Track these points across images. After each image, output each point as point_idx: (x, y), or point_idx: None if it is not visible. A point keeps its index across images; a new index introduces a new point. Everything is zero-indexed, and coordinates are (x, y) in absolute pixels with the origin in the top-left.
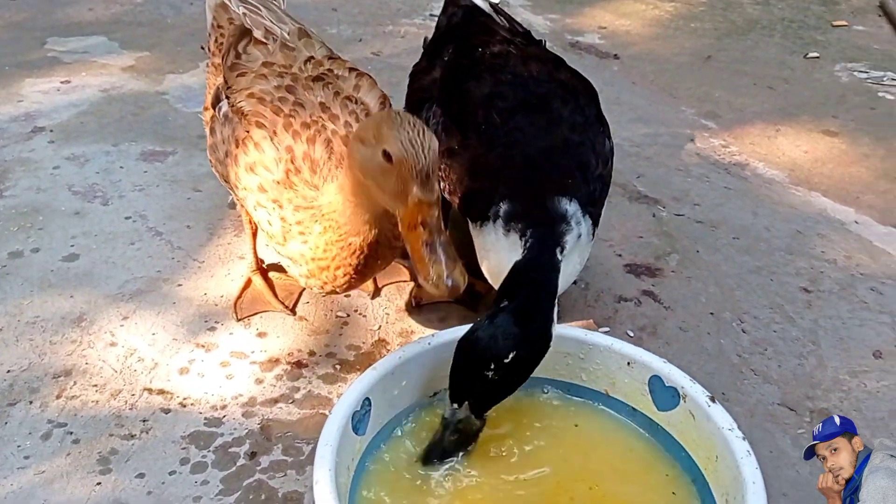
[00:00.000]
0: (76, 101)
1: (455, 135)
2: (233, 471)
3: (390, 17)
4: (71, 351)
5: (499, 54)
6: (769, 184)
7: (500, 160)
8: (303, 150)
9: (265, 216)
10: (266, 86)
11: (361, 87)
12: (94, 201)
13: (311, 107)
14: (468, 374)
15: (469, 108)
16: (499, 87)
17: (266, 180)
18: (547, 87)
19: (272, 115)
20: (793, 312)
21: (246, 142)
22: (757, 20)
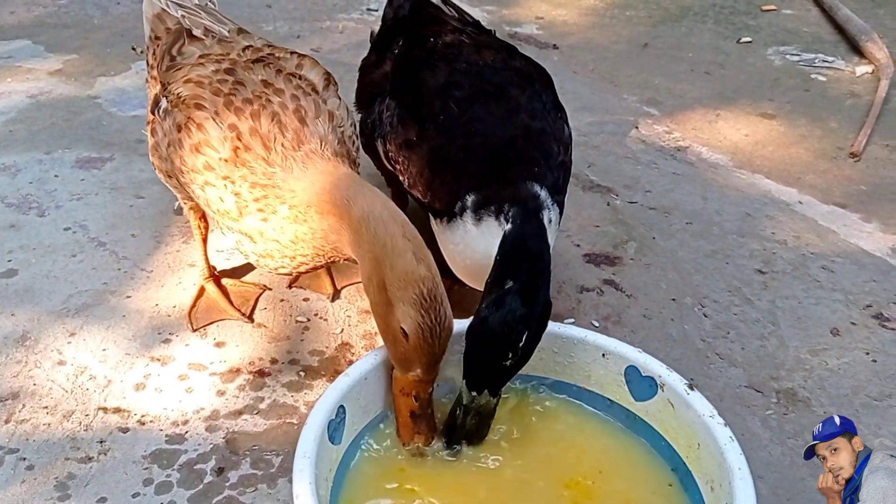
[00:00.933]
0: (2, 109)
1: (412, 126)
2: (200, 489)
3: (327, 13)
4: (17, 372)
5: (452, 44)
6: (714, 168)
7: (462, 152)
8: (248, 125)
9: (215, 194)
10: (203, 70)
11: (304, 65)
12: (30, 213)
13: (252, 84)
14: (488, 364)
15: (425, 98)
16: (454, 76)
17: (213, 159)
18: (503, 75)
19: (212, 96)
20: (750, 294)
21: (188, 125)
22: (689, 7)
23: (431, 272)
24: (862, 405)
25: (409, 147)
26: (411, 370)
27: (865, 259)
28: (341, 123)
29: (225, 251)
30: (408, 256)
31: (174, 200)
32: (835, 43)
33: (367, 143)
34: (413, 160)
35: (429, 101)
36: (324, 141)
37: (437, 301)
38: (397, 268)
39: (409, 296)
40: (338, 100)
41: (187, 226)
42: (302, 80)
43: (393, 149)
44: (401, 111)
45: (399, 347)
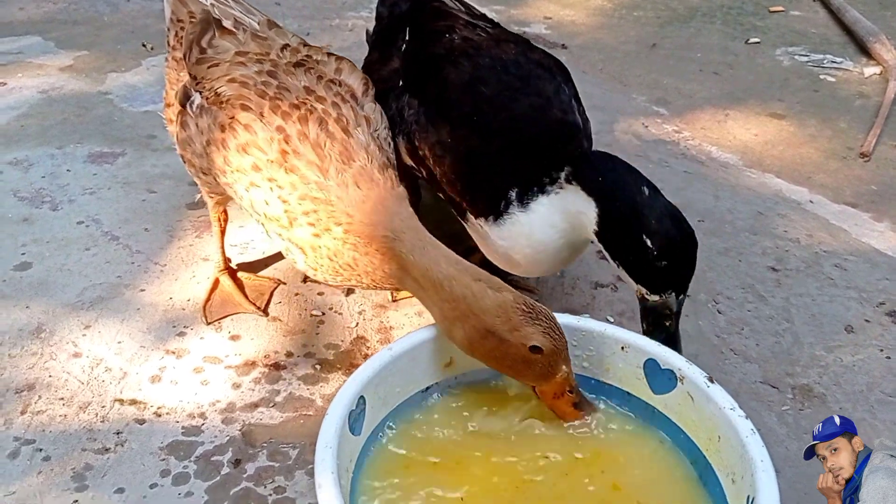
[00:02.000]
0: (14, 104)
1: (443, 126)
2: (217, 480)
3: (336, 11)
4: (32, 364)
5: (469, 38)
6: (725, 167)
7: (500, 151)
8: (296, 129)
9: (261, 196)
10: (246, 71)
11: (342, 70)
12: (43, 207)
13: (295, 90)
14: (694, 262)
15: (452, 95)
16: (479, 71)
17: (260, 160)
18: (527, 69)
19: (257, 98)
20: (764, 291)
21: (233, 125)
22: (697, 7)
23: (514, 292)
24: (877, 401)
25: (443, 148)
26: (557, 374)
27: (878, 258)
28: (377, 127)
29: (239, 245)
30: (490, 294)
31: (187, 195)
32: (843, 44)
33: None
34: (448, 161)
35: (457, 99)
36: (369, 154)
37: (537, 307)
38: (489, 309)
39: (516, 321)
40: (374, 104)
41: (200, 220)
42: (342, 87)
43: (424, 148)
44: (427, 109)
45: (536, 367)
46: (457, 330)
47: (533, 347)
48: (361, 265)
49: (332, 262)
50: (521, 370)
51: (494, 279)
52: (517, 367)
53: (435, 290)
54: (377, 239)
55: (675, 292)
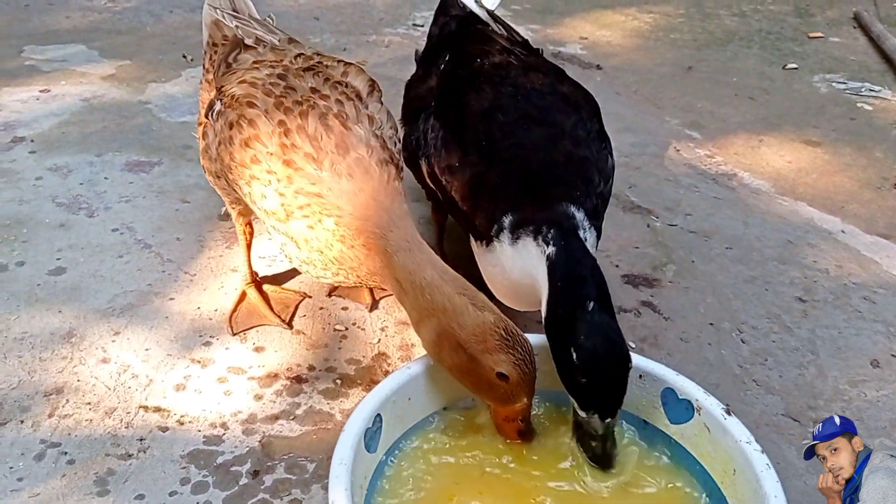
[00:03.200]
0: (56, 111)
1: (455, 150)
2: (235, 490)
3: (373, 27)
4: (62, 368)
5: (499, 65)
6: (756, 194)
7: (501, 178)
8: (296, 123)
9: (259, 189)
10: (258, 74)
11: (349, 73)
12: (80, 213)
13: (301, 90)
14: (617, 387)
15: (469, 121)
16: (500, 99)
17: (260, 153)
18: (549, 100)
19: (263, 96)
20: (790, 322)
21: (240, 121)
22: (735, 31)
23: (496, 313)
24: None
25: (452, 172)
26: (517, 402)
27: None
28: (380, 126)
29: (267, 258)
30: (470, 310)
31: (219, 206)
32: (882, 72)
33: (410, 159)
34: (455, 185)
35: (472, 125)
36: (369, 147)
37: (515, 335)
38: (467, 325)
39: (491, 344)
40: (379, 105)
41: (231, 231)
42: (347, 87)
43: (437, 171)
44: (445, 133)
45: (499, 390)
46: (426, 332)
47: (500, 374)
48: (347, 260)
49: (322, 255)
50: (483, 389)
51: (479, 296)
52: (479, 385)
53: (415, 294)
54: (365, 233)
55: (599, 414)
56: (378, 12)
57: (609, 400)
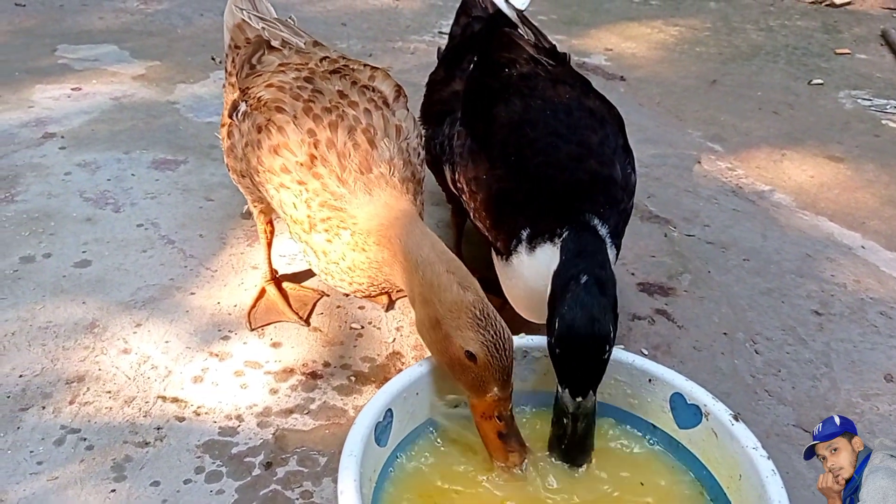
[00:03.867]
0: (87, 109)
1: (483, 162)
2: (248, 480)
3: (399, 34)
4: (84, 357)
5: (528, 76)
6: (776, 207)
7: (526, 196)
8: (326, 135)
9: (289, 198)
10: (285, 77)
11: (376, 77)
12: (106, 208)
13: (329, 94)
14: (590, 364)
15: (497, 134)
16: (528, 113)
17: (290, 161)
18: (577, 115)
19: (291, 101)
20: (805, 335)
21: (268, 126)
22: (761, 46)
23: (479, 295)
24: None
25: (478, 184)
26: (488, 391)
27: None
28: (407, 136)
29: (287, 256)
30: (454, 288)
31: (242, 204)
32: None
33: (434, 162)
34: (480, 197)
35: (501, 138)
36: (391, 165)
37: (491, 318)
38: (446, 301)
39: (464, 321)
40: (406, 111)
41: (252, 229)
42: (374, 93)
43: (462, 181)
44: (472, 143)
45: (469, 374)
46: (417, 310)
47: (469, 353)
48: (360, 265)
49: (338, 266)
50: (458, 373)
51: (469, 277)
52: (454, 367)
53: (412, 271)
54: (374, 230)
55: (570, 390)
56: (405, 20)
57: (579, 376)
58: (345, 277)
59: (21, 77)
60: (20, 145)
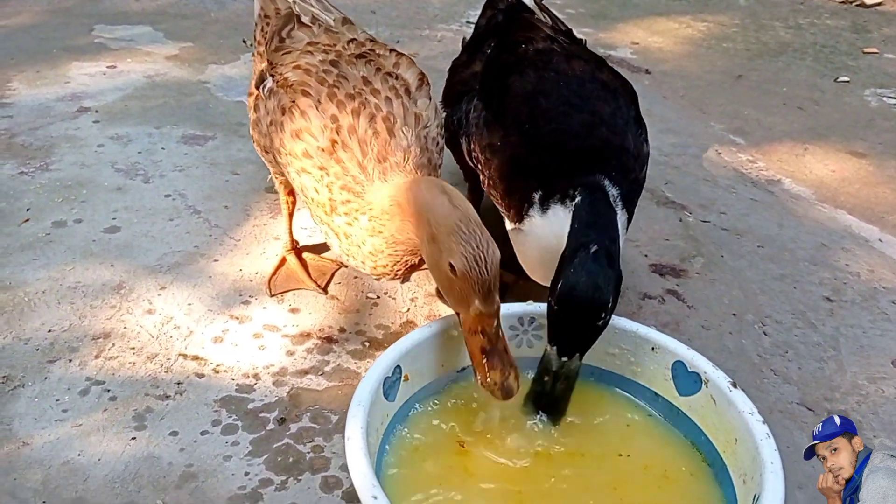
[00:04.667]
0: (121, 85)
1: (497, 130)
2: (262, 434)
3: (427, 22)
4: (110, 315)
5: (542, 51)
6: (796, 199)
7: (538, 161)
8: (348, 122)
9: (310, 182)
10: (312, 59)
11: (401, 64)
12: (136, 179)
13: (353, 80)
14: (582, 327)
15: (511, 104)
16: (542, 84)
17: (311, 147)
18: (589, 87)
19: (317, 85)
20: (815, 319)
21: (292, 109)
22: (789, 43)
23: (467, 211)
24: None
25: (493, 151)
26: (471, 305)
27: None
28: (427, 124)
29: (308, 228)
30: (444, 202)
31: (265, 179)
32: None
33: (451, 139)
34: (494, 164)
35: (515, 107)
36: (407, 153)
37: (475, 233)
38: (436, 214)
39: (448, 233)
40: (428, 100)
41: (276, 203)
42: (398, 80)
43: (477, 150)
44: (487, 114)
45: (454, 287)
46: (422, 234)
47: (451, 265)
48: (380, 249)
49: (361, 250)
50: (446, 287)
51: (460, 197)
52: (443, 281)
53: (414, 198)
54: (387, 206)
55: (558, 349)
56: (433, 8)
57: (570, 336)
58: (367, 261)
59: (59, 54)
60: (56, 118)
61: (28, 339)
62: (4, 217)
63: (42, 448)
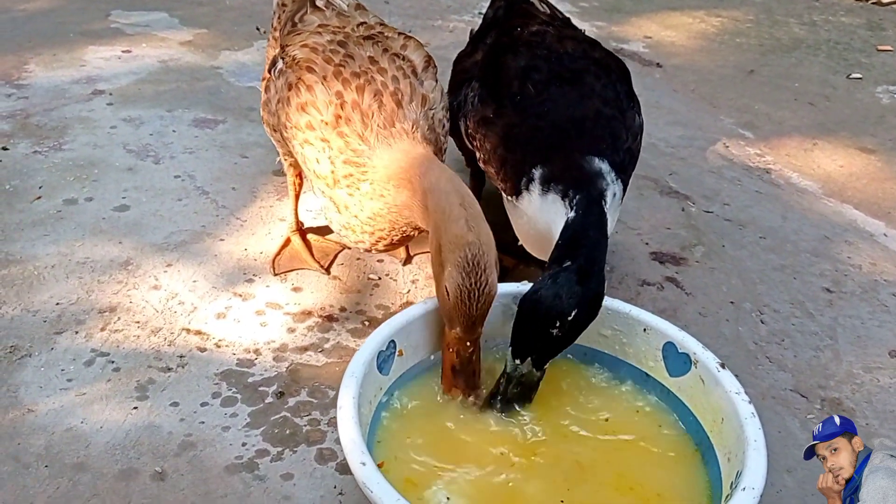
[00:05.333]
0: (135, 69)
1: (490, 104)
2: (260, 407)
3: (440, 13)
4: (117, 290)
5: (536, 32)
6: (801, 193)
7: (532, 131)
8: (352, 97)
9: (313, 154)
10: (320, 39)
11: (408, 46)
12: (147, 160)
13: (360, 59)
14: (534, 332)
15: (505, 79)
16: (534, 60)
17: (315, 119)
18: (581, 63)
19: (323, 63)
20: (813, 309)
21: (298, 85)
22: (802, 39)
23: (480, 240)
24: None
25: (486, 124)
26: (453, 328)
27: None
28: (433, 106)
29: (314, 210)
30: (461, 223)
31: (273, 163)
32: None
33: (452, 124)
34: (489, 137)
35: (507, 82)
36: (416, 124)
37: (480, 266)
38: (450, 231)
39: (455, 258)
40: (434, 82)
41: (282, 185)
42: (404, 62)
43: (472, 125)
44: (482, 91)
45: (445, 306)
46: (431, 236)
47: (446, 288)
48: (379, 214)
49: (358, 219)
50: (440, 300)
51: (480, 219)
52: (439, 294)
53: (430, 199)
54: (393, 174)
55: (511, 350)
56: (447, 0)
57: (522, 339)
58: (366, 228)
59: (75, 38)
60: (70, 100)
61: (36, 311)
62: (18, 194)
63: (46, 415)
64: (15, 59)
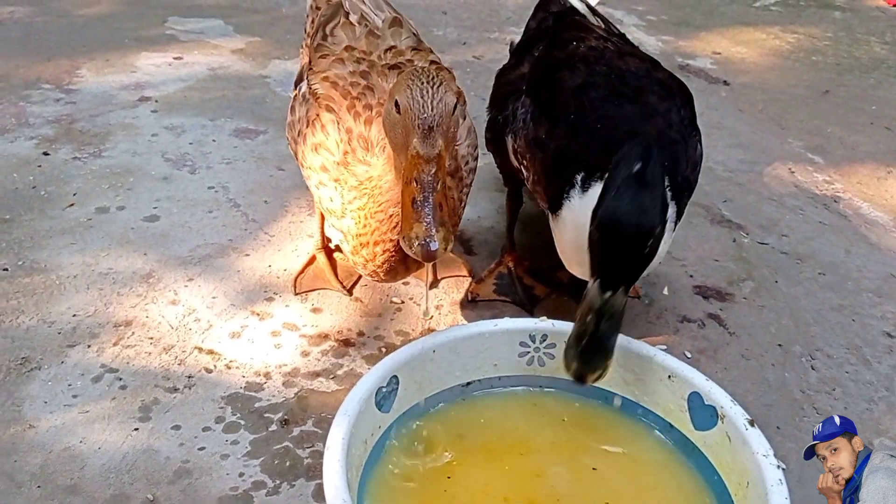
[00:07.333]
0: (184, 77)
1: (543, 124)
2: (263, 435)
3: (498, 25)
4: (135, 304)
5: (595, 48)
6: (870, 225)
7: (582, 146)
8: (359, 131)
9: (327, 194)
10: (342, 70)
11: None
12: (183, 169)
13: (380, 91)
14: (627, 256)
15: (559, 97)
16: (593, 77)
17: (328, 161)
18: (643, 82)
19: (340, 99)
20: (870, 356)
21: (315, 123)
22: (883, 59)
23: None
24: None
25: (538, 144)
26: (409, 146)
27: None
28: (458, 142)
29: None
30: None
31: None
32: None
33: (494, 139)
34: (539, 158)
35: (563, 101)
36: None
37: (430, 75)
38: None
39: (405, 78)
40: (461, 118)
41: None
42: None
43: (521, 144)
44: (535, 109)
45: (398, 129)
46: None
47: (396, 103)
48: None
49: (358, 237)
50: (391, 134)
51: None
52: (388, 129)
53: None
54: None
55: (601, 282)
56: (506, 11)
57: (614, 267)
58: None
59: (129, 44)
60: (116, 106)
61: (52, 322)
62: (52, 200)
63: (47, 432)
64: (68, 63)
